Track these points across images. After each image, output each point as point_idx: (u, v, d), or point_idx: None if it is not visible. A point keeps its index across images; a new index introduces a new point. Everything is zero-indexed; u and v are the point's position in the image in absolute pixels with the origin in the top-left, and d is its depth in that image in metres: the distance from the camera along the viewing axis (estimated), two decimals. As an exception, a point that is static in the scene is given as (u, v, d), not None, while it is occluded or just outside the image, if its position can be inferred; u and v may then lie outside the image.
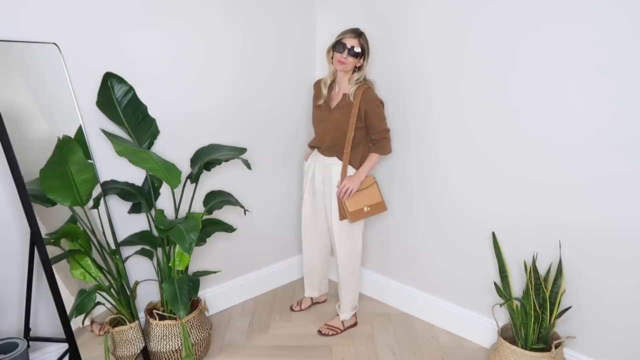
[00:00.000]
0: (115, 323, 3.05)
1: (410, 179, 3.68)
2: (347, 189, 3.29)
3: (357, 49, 3.18)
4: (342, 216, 3.37)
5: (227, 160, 3.27)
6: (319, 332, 3.65)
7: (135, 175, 3.18)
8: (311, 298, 4.03)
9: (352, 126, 3.25)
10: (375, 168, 3.78)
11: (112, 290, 2.98)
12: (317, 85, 3.48)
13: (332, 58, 3.28)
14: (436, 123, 3.43)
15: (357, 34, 3.21)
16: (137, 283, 3.22)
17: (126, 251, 3.22)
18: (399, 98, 3.59)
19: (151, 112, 3.07)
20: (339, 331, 3.66)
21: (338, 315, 3.74)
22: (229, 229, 3.32)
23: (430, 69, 3.38)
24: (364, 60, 3.24)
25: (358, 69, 3.27)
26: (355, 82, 3.26)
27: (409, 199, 3.73)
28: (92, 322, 2.98)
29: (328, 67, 3.38)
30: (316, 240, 3.77)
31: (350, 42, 3.17)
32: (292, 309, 3.97)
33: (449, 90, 3.31)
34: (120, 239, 3.16)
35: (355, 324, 3.75)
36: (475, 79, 3.17)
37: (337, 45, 3.20)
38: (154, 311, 3.17)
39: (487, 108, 3.14)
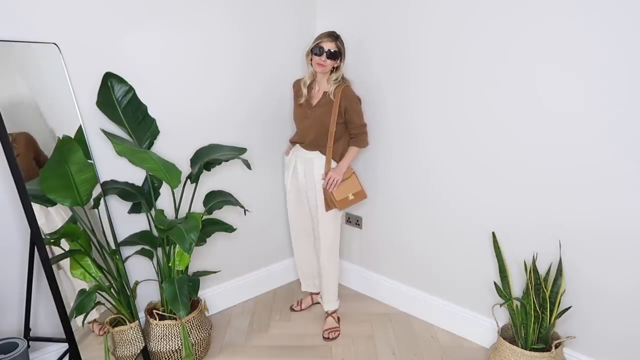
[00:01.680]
0: (115, 323, 3.04)
1: (408, 179, 3.68)
2: (333, 180, 3.39)
3: (334, 50, 3.30)
4: (329, 206, 3.47)
5: (227, 160, 3.28)
6: (326, 338, 3.61)
7: (135, 175, 3.17)
8: (311, 298, 4.03)
9: (334, 122, 3.37)
10: (371, 169, 3.89)
11: (112, 290, 2.97)
12: (297, 84, 3.58)
13: (311, 60, 3.38)
14: (432, 124, 3.44)
15: (334, 37, 3.33)
16: (137, 283, 3.21)
17: (126, 251, 3.21)
18: (395, 96, 3.61)
19: (151, 112, 3.07)
20: (339, 328, 3.69)
21: (330, 315, 3.76)
22: (229, 229, 3.32)
23: (431, 67, 3.39)
24: (341, 61, 3.37)
25: (336, 69, 3.38)
26: (334, 82, 3.38)
27: (406, 198, 3.73)
28: (94, 321, 2.97)
29: (307, 68, 3.49)
30: (303, 234, 3.82)
31: (328, 45, 3.29)
32: (292, 309, 3.97)
33: (439, 87, 3.35)
34: (120, 239, 3.15)
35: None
36: (468, 79, 3.18)
37: (315, 49, 3.32)
38: (154, 311, 3.16)
39: (479, 106, 3.16)
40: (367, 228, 4.09)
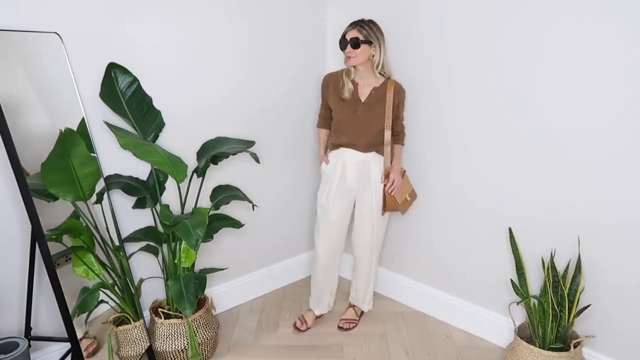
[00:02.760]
0: (119, 322, 3.01)
1: (423, 172, 3.64)
2: (397, 183, 3.33)
3: (356, 36, 3.11)
4: (391, 208, 3.42)
5: (234, 154, 3.24)
6: (340, 327, 3.64)
7: (140, 169, 3.14)
8: (313, 313, 3.75)
9: (389, 119, 3.25)
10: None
11: (116, 288, 2.94)
12: (333, 78, 3.38)
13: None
14: (450, 114, 3.39)
15: (355, 23, 3.17)
16: (141, 280, 3.20)
17: (130, 248, 3.19)
18: (411, 87, 3.51)
19: (156, 103, 3.02)
20: (357, 322, 3.70)
21: (353, 307, 3.79)
22: (236, 224, 3.28)
23: (444, 57, 3.34)
24: (374, 48, 3.17)
25: (373, 59, 3.21)
26: (381, 74, 3.27)
27: (422, 194, 3.67)
28: (85, 334, 2.90)
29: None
30: (340, 247, 3.62)
31: (350, 34, 3.15)
32: (297, 328, 3.64)
33: (463, 79, 3.27)
34: (124, 235, 3.12)
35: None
36: (491, 68, 3.11)
37: (341, 43, 3.20)
38: (159, 309, 3.13)
39: (503, 97, 3.09)
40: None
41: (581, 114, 2.75)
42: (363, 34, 3.12)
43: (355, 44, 3.11)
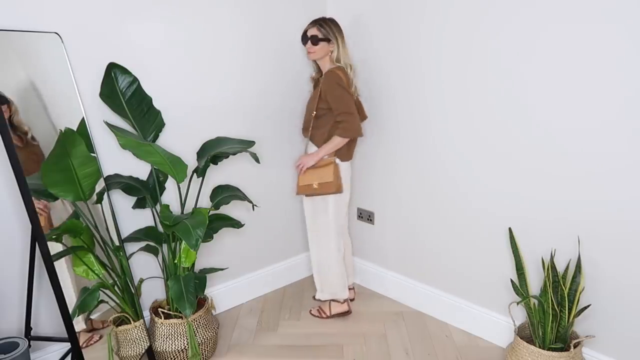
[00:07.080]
0: (119, 322, 3.00)
1: (422, 172, 3.62)
2: (300, 164, 3.44)
3: (315, 34, 3.30)
4: (301, 191, 3.49)
5: (234, 154, 3.24)
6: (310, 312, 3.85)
7: (140, 169, 3.13)
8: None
9: (314, 107, 3.41)
10: (382, 161, 3.83)
11: (116, 288, 2.93)
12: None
13: None
14: (450, 113, 3.36)
15: (315, 21, 3.35)
16: (141, 280, 3.19)
17: (130, 248, 3.18)
18: (406, 84, 3.53)
19: (156, 103, 3.02)
20: (324, 316, 3.78)
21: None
22: (236, 224, 3.28)
23: (438, 55, 3.32)
24: (332, 45, 3.35)
25: (333, 55, 3.39)
26: (329, 67, 3.39)
27: (421, 193, 3.66)
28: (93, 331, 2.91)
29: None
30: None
31: (310, 31, 3.34)
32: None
33: (455, 78, 3.26)
34: (124, 235, 3.11)
35: (347, 312, 3.77)
36: (483, 67, 3.09)
37: (303, 39, 3.40)
38: (159, 310, 3.12)
39: (496, 97, 3.07)
40: (380, 224, 4.03)
41: (580, 112, 2.73)
42: (322, 32, 3.31)
43: (314, 41, 3.31)
